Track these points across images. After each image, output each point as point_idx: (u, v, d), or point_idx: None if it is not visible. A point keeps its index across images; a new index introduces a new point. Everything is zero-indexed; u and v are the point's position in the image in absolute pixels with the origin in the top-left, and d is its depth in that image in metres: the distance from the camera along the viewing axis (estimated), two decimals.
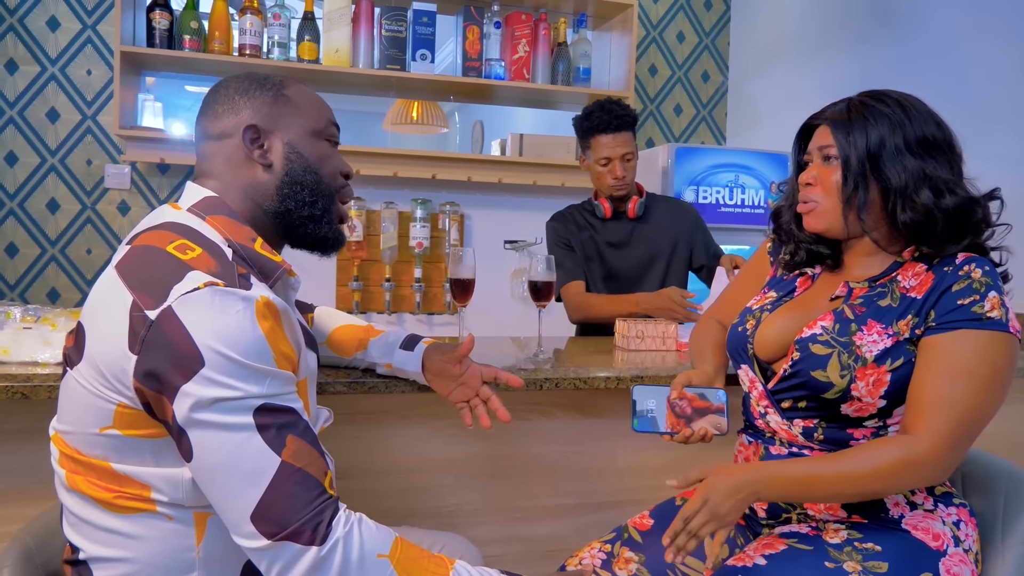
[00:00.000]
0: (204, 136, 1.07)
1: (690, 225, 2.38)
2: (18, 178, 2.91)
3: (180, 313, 0.85)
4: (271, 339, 0.89)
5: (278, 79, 1.09)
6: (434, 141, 5.92)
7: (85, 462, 0.94)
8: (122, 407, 0.90)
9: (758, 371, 1.26)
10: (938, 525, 1.14)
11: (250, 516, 0.85)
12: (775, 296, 1.33)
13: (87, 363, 0.91)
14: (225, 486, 0.86)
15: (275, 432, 0.87)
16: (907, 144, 1.16)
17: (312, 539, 0.85)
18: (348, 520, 0.89)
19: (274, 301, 0.92)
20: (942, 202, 1.14)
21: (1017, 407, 1.90)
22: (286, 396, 0.90)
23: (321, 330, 1.38)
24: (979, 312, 1.09)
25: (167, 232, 0.95)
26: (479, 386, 1.33)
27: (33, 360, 1.35)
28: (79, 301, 2.98)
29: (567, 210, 2.44)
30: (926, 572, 1.09)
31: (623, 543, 1.31)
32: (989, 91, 2.37)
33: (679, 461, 1.68)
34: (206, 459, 0.86)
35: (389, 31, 2.93)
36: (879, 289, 1.19)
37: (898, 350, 1.12)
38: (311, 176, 1.07)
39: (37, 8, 2.89)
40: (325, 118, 1.10)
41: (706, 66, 3.70)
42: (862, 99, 1.22)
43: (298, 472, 0.86)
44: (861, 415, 1.15)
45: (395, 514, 1.53)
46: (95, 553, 0.95)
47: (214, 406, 0.84)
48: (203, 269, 0.89)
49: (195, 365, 0.84)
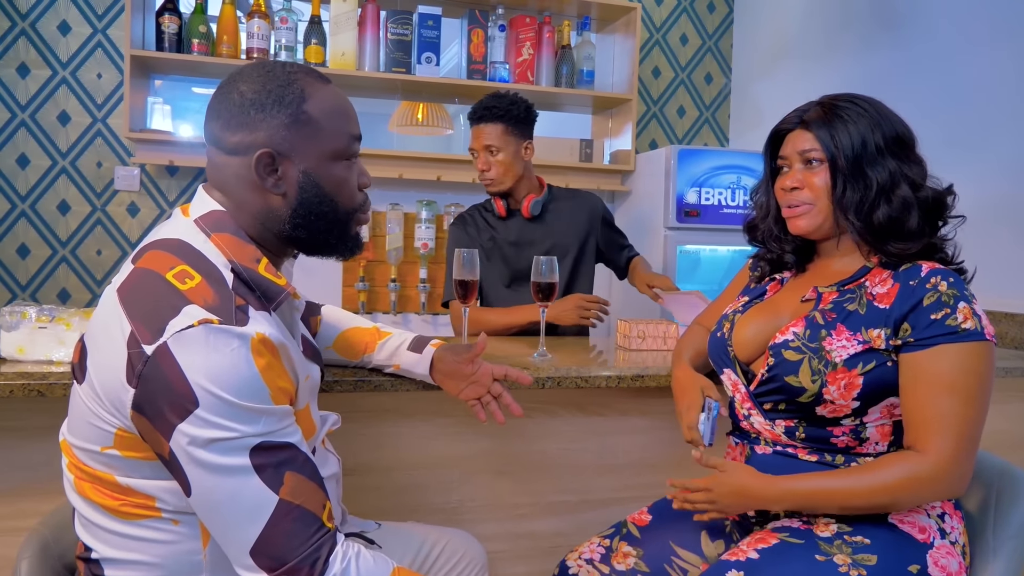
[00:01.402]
0: (215, 142, 1.01)
1: (594, 220, 2.33)
2: (30, 180, 2.95)
3: (175, 350, 0.85)
4: (267, 376, 0.88)
5: (298, 87, 0.99)
6: (439, 143, 5.95)
7: (91, 473, 0.95)
8: (121, 431, 0.91)
9: (740, 374, 1.29)
10: (924, 519, 1.16)
11: (249, 552, 0.86)
12: (747, 300, 1.38)
13: (89, 385, 0.92)
14: (224, 522, 0.87)
15: (272, 471, 0.87)
16: (885, 142, 1.20)
17: (310, 575, 0.86)
18: (345, 555, 0.90)
19: (270, 336, 0.90)
20: (919, 195, 1.19)
21: (1014, 406, 1.92)
22: (283, 431, 0.90)
23: (328, 332, 1.40)
24: (953, 325, 1.11)
25: (169, 255, 0.94)
26: (490, 383, 1.35)
27: (48, 359, 1.39)
28: (89, 301, 3.02)
29: (469, 211, 2.38)
30: (914, 564, 1.11)
31: (622, 538, 1.34)
32: (990, 94, 2.39)
33: (678, 459, 1.71)
34: (204, 497, 0.87)
35: (395, 34, 2.97)
36: (848, 295, 1.22)
37: (869, 355, 1.15)
38: (327, 206, 1.01)
39: (48, 13, 2.93)
40: (347, 134, 1.03)
41: (709, 68, 3.72)
42: (833, 101, 1.25)
43: (296, 509, 0.87)
44: (837, 415, 1.18)
45: (400, 510, 1.56)
46: (106, 554, 0.97)
47: (209, 447, 0.85)
48: (200, 302, 0.88)
49: (189, 405, 0.84)
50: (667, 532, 1.33)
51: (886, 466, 1.12)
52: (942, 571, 1.12)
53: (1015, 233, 2.27)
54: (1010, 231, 2.28)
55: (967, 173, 2.48)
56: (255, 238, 1.01)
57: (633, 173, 3.32)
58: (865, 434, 1.18)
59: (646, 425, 1.71)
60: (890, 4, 2.80)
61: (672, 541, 1.32)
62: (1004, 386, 1.89)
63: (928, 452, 1.09)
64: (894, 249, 1.19)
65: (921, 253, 1.20)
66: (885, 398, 1.16)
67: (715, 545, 1.31)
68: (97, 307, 0.96)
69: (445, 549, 1.31)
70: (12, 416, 1.37)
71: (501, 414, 1.36)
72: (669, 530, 1.33)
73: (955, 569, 1.14)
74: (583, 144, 3.30)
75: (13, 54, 2.91)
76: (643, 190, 3.23)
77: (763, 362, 1.24)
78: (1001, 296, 2.26)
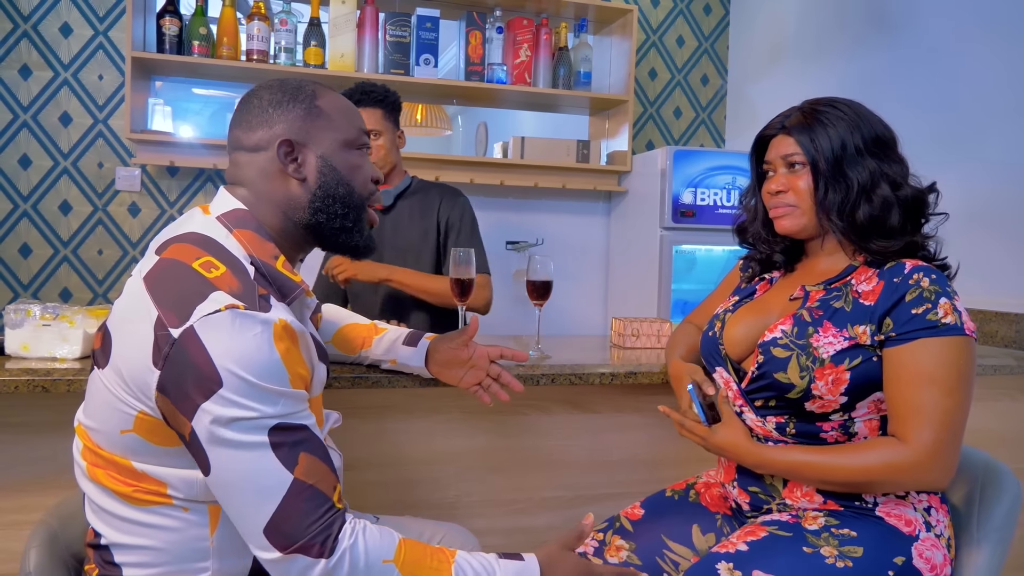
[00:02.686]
0: (238, 147, 1.09)
1: (446, 215, 2.20)
2: (31, 180, 2.97)
3: (201, 334, 0.89)
4: (287, 361, 0.93)
5: (310, 88, 1.10)
6: (438, 143, 5.98)
7: (107, 457, 0.99)
8: (142, 415, 0.94)
9: (732, 371, 1.32)
10: (910, 512, 1.19)
11: (263, 530, 0.89)
12: (737, 299, 1.41)
13: (112, 369, 0.96)
14: (240, 500, 0.90)
15: (288, 450, 0.91)
16: (865, 144, 1.23)
17: (321, 552, 0.89)
18: (353, 530, 0.93)
19: (291, 324, 0.95)
20: (899, 193, 1.22)
21: (1002, 404, 1.95)
22: (299, 414, 0.94)
23: (328, 328, 1.43)
24: (934, 320, 1.13)
25: (194, 247, 0.98)
26: (488, 365, 1.38)
27: (52, 356, 1.41)
28: (91, 300, 3.05)
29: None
30: (899, 556, 1.14)
31: (615, 532, 1.37)
32: (983, 95, 2.41)
33: (671, 454, 1.74)
34: (222, 475, 0.90)
35: (393, 36, 2.99)
36: (834, 293, 1.25)
37: (856, 351, 1.17)
38: (344, 188, 1.09)
39: (50, 15, 2.96)
40: (356, 127, 1.12)
41: (705, 70, 3.74)
42: (813, 106, 1.28)
43: (309, 488, 0.91)
44: (825, 411, 1.20)
45: (398, 505, 1.58)
46: (116, 539, 1.00)
47: (231, 425, 0.88)
48: (226, 289, 0.93)
49: (214, 385, 0.88)
50: (659, 526, 1.36)
51: (868, 449, 1.16)
52: (927, 563, 1.14)
53: (1005, 232, 2.30)
54: (1000, 230, 2.31)
55: (958, 172, 2.52)
56: (276, 233, 1.08)
57: (629, 174, 3.35)
58: (853, 429, 1.21)
59: (640, 422, 1.73)
60: (884, 6, 2.83)
61: (664, 535, 1.34)
62: (993, 384, 1.92)
63: (909, 441, 1.12)
64: (876, 247, 1.22)
65: (905, 251, 1.22)
66: (872, 393, 1.18)
67: (706, 538, 1.34)
68: (121, 295, 1.01)
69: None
70: (17, 412, 1.40)
71: (505, 394, 1.39)
72: (661, 524, 1.36)
73: (940, 561, 1.16)
74: (580, 145, 3.33)
75: (15, 56, 2.93)
76: (639, 191, 3.26)
77: (753, 360, 1.27)
78: (990, 295, 2.28)
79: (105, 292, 3.08)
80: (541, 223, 3.46)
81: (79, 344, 1.42)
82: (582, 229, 3.52)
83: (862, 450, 1.17)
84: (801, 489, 1.23)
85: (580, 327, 3.46)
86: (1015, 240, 2.27)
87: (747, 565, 1.14)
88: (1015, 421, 1.96)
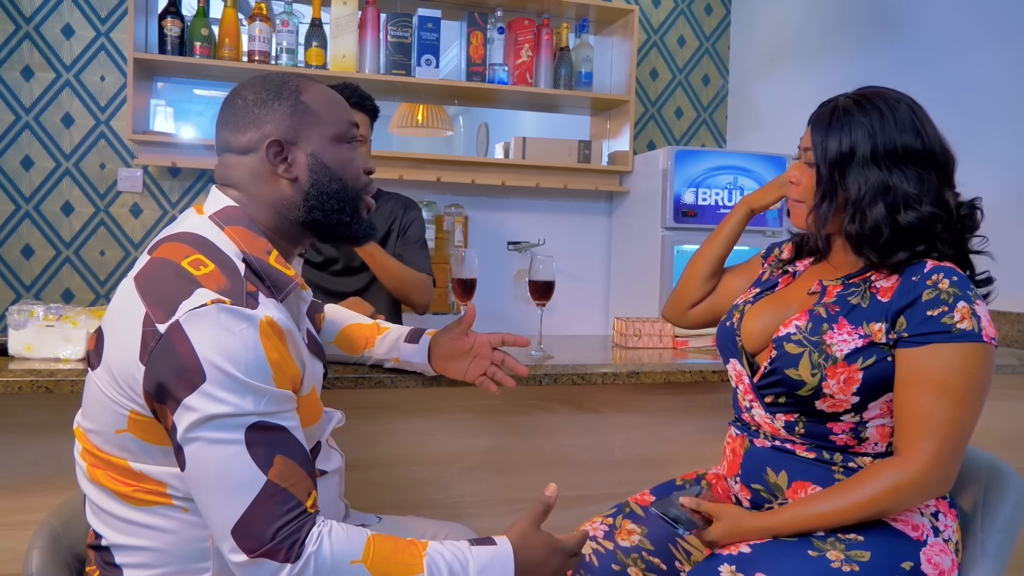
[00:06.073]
0: (226, 148, 1.07)
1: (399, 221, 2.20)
2: (34, 182, 2.98)
3: (187, 328, 0.89)
4: (272, 358, 0.92)
5: (293, 83, 1.08)
6: (439, 144, 5.99)
7: (105, 458, 0.98)
8: (135, 414, 0.94)
9: (746, 365, 1.30)
10: (917, 517, 1.17)
11: (231, 530, 0.88)
12: (758, 291, 1.39)
13: (104, 369, 0.96)
14: (211, 498, 0.89)
15: (264, 450, 0.89)
16: (875, 155, 1.17)
17: (287, 557, 0.87)
18: (319, 534, 0.91)
19: (279, 321, 0.95)
20: (897, 217, 1.15)
21: (1006, 404, 1.95)
22: (281, 415, 0.92)
23: (331, 329, 1.43)
24: (949, 324, 1.10)
25: (184, 245, 0.98)
26: (490, 353, 1.38)
27: (55, 356, 1.41)
28: (93, 301, 3.05)
29: None
30: (907, 561, 1.12)
31: (625, 516, 1.36)
32: (986, 94, 2.41)
33: (674, 454, 1.74)
34: (196, 471, 0.89)
35: (395, 37, 2.99)
36: (852, 288, 1.23)
37: (870, 350, 1.15)
38: (336, 184, 1.08)
39: (52, 16, 2.96)
40: (344, 120, 1.10)
41: (707, 70, 3.74)
42: (847, 103, 1.22)
43: (282, 492, 0.89)
44: (836, 410, 1.18)
45: (400, 505, 1.58)
46: (116, 540, 0.99)
47: (211, 422, 0.87)
48: (212, 286, 0.92)
49: (197, 380, 0.87)
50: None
51: (869, 479, 1.13)
52: (935, 568, 1.13)
53: (1010, 232, 2.29)
54: (1006, 231, 2.30)
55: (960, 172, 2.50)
56: (270, 230, 1.07)
57: (631, 174, 3.35)
58: (865, 434, 1.19)
59: (642, 421, 1.73)
60: (887, 5, 2.83)
61: None
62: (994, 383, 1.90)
63: (911, 457, 1.10)
64: (874, 259, 1.19)
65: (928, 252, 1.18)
66: (884, 393, 1.16)
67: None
68: (114, 297, 1.00)
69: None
70: (20, 412, 1.40)
71: (511, 380, 1.39)
72: None
73: (948, 566, 1.14)
74: (581, 145, 3.33)
75: (17, 57, 2.94)
76: (641, 191, 3.26)
77: (767, 354, 1.25)
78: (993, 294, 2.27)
79: (107, 293, 3.08)
80: (543, 223, 3.46)
81: (82, 345, 1.42)
82: (584, 229, 3.52)
83: (863, 482, 1.13)
84: (805, 490, 1.21)
85: (582, 327, 3.46)
86: (1015, 240, 2.26)
87: (750, 568, 1.12)
88: (1016, 421, 1.96)
